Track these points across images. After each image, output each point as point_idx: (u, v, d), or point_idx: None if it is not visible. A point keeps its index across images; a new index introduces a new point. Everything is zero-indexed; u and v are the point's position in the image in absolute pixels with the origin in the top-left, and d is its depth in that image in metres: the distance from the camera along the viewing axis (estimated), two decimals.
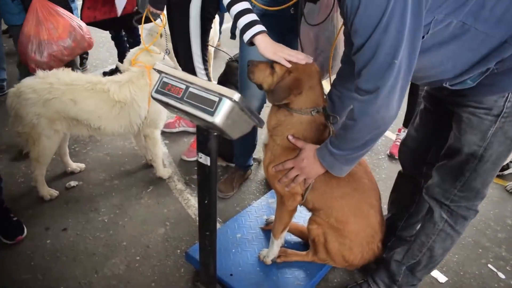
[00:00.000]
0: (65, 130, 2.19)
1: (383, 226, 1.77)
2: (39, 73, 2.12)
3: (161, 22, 2.39)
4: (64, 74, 2.13)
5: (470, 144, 1.36)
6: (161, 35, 2.57)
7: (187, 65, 2.50)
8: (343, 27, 1.81)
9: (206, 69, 2.57)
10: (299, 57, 1.47)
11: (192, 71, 2.47)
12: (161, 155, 2.59)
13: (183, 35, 2.38)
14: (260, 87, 1.56)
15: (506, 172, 2.91)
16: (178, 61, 2.56)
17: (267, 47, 1.48)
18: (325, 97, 1.56)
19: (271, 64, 1.49)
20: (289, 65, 1.46)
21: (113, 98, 2.17)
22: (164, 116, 2.45)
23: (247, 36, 1.51)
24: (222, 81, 2.74)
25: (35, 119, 2.05)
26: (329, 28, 1.89)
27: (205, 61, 2.54)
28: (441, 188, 1.49)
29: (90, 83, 2.14)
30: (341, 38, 1.84)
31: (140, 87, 2.23)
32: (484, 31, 1.18)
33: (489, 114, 1.30)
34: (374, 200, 1.70)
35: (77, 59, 3.10)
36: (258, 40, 1.49)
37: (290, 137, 1.53)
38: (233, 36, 2.22)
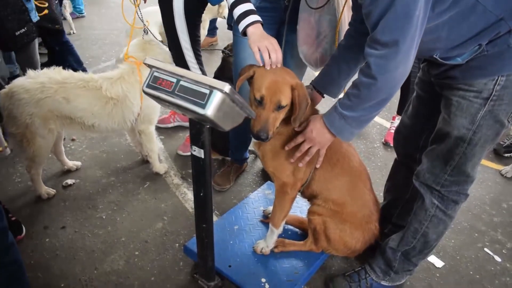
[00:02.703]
0: (59, 128, 2.19)
1: (378, 205, 1.80)
2: (30, 72, 2.11)
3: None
4: (56, 73, 2.11)
5: (459, 128, 1.37)
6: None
7: (178, 61, 2.48)
8: (344, 10, 1.80)
9: (199, 63, 2.54)
10: (272, 56, 1.41)
11: (184, 66, 2.45)
12: (157, 151, 2.59)
13: (170, 30, 2.35)
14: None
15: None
16: (172, 56, 2.55)
17: (254, 39, 1.46)
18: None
19: (276, 107, 1.40)
20: (260, 61, 1.42)
21: (105, 95, 2.16)
22: (157, 111, 2.45)
23: (241, 26, 1.49)
24: (218, 76, 2.72)
25: (29, 119, 2.04)
26: (330, 12, 1.88)
27: (198, 55, 2.52)
28: (432, 174, 1.49)
29: (82, 80, 2.13)
30: (343, 21, 1.83)
31: (131, 83, 2.22)
32: (484, 4, 1.19)
33: (479, 97, 1.31)
34: (366, 179, 1.74)
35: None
36: (250, 31, 1.48)
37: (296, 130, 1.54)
38: (229, 27, 2.19)
